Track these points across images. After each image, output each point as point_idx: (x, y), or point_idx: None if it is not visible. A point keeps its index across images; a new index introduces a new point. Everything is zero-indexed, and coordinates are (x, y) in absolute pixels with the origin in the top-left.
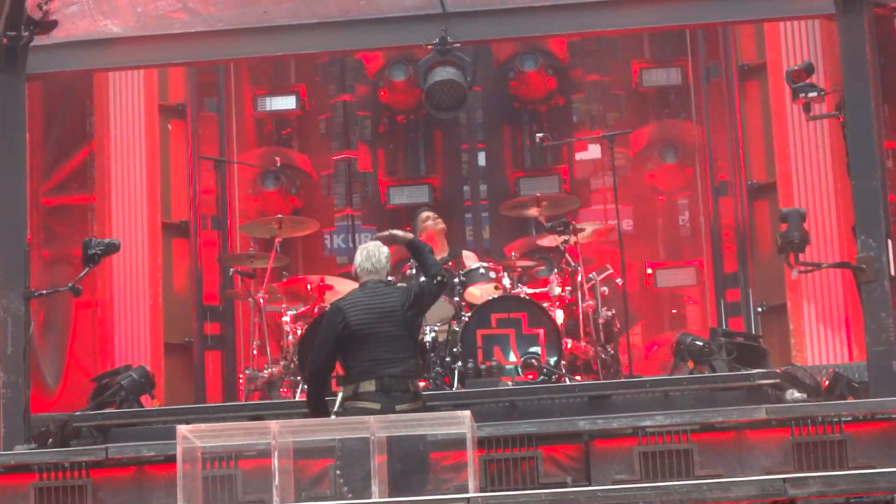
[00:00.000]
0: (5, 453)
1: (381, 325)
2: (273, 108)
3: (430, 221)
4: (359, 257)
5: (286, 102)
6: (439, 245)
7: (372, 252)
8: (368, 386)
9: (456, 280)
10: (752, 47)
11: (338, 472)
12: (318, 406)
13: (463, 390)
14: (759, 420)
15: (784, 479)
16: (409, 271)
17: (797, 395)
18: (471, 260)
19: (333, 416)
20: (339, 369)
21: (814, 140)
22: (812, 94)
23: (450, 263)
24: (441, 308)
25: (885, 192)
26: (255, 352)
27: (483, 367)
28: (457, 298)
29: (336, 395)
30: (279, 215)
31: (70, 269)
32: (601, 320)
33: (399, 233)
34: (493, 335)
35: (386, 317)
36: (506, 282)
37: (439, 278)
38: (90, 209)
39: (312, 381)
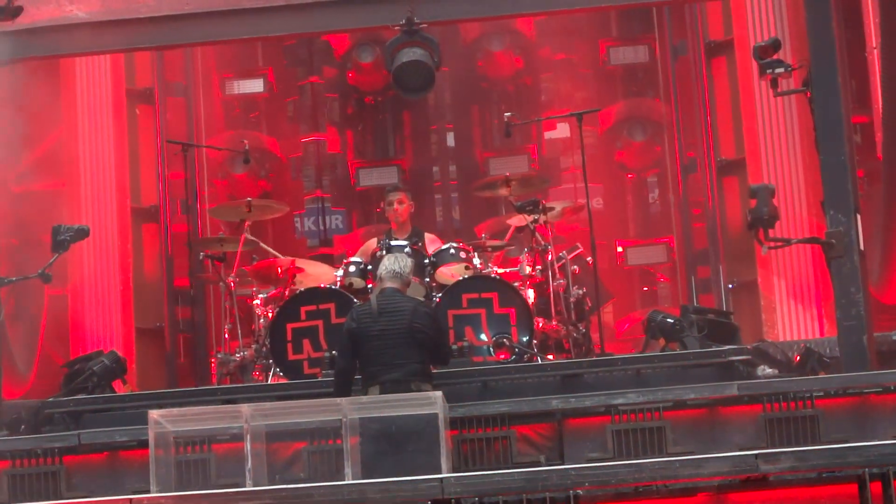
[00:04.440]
0: None
1: (388, 330)
2: (241, 92)
3: (397, 204)
4: (386, 261)
5: (254, 85)
6: (404, 228)
7: (399, 258)
8: (374, 391)
9: (426, 262)
10: (719, 24)
11: None
12: None
13: (435, 370)
14: (731, 396)
15: (756, 455)
16: (378, 253)
17: (769, 370)
18: (433, 242)
19: None
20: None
21: (782, 116)
22: (779, 70)
23: (418, 245)
24: (412, 289)
25: (854, 166)
26: (226, 335)
27: (454, 347)
28: (427, 279)
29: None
30: (248, 198)
31: (40, 255)
32: (572, 299)
33: None
34: (464, 315)
35: (393, 323)
36: (476, 262)
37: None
38: (59, 195)
39: (335, 388)
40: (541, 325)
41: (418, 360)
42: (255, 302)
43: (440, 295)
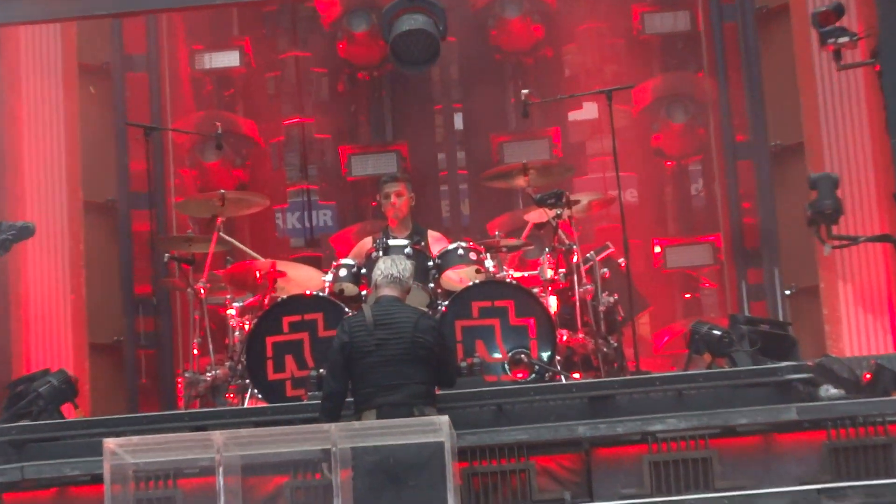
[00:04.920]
0: None
1: (385, 346)
2: (213, 66)
3: (395, 197)
4: (382, 265)
5: (228, 59)
6: (404, 224)
7: (397, 261)
8: (369, 416)
9: (430, 264)
10: None
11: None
12: None
13: (440, 392)
14: (789, 422)
15: (819, 491)
16: (374, 254)
17: (833, 391)
18: (438, 241)
19: None
20: None
21: (846, 93)
22: (843, 40)
23: (420, 244)
24: (414, 295)
25: None
26: (195, 351)
27: (464, 364)
28: (432, 285)
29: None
30: (222, 191)
31: None
32: (602, 308)
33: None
34: (475, 327)
35: (392, 337)
36: (489, 264)
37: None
38: None
39: (322, 413)
40: (565, 338)
41: (421, 381)
42: (229, 312)
43: (446, 303)
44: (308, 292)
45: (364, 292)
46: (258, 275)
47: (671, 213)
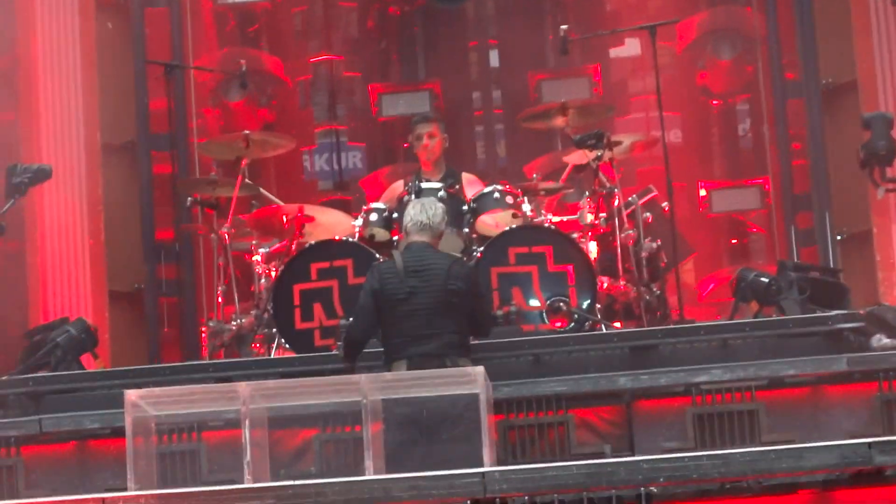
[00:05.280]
0: None
1: (416, 294)
2: (237, 0)
3: (427, 138)
4: (412, 210)
5: None
6: (437, 167)
7: (428, 205)
8: (399, 367)
9: (464, 208)
10: None
11: None
12: None
13: (475, 342)
14: (839, 373)
15: (870, 444)
16: (405, 198)
17: (886, 341)
18: (472, 184)
19: None
20: None
21: None
22: None
23: (455, 187)
24: (448, 241)
25: None
26: (219, 299)
27: (499, 313)
28: (466, 230)
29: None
30: (246, 131)
31: None
32: (644, 254)
33: None
34: (512, 274)
35: (423, 285)
36: (526, 208)
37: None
38: (15, 128)
39: (345, 357)
40: (605, 285)
41: (454, 330)
42: (254, 258)
43: (482, 249)
44: (337, 238)
45: (396, 238)
46: (285, 219)
47: (717, 154)
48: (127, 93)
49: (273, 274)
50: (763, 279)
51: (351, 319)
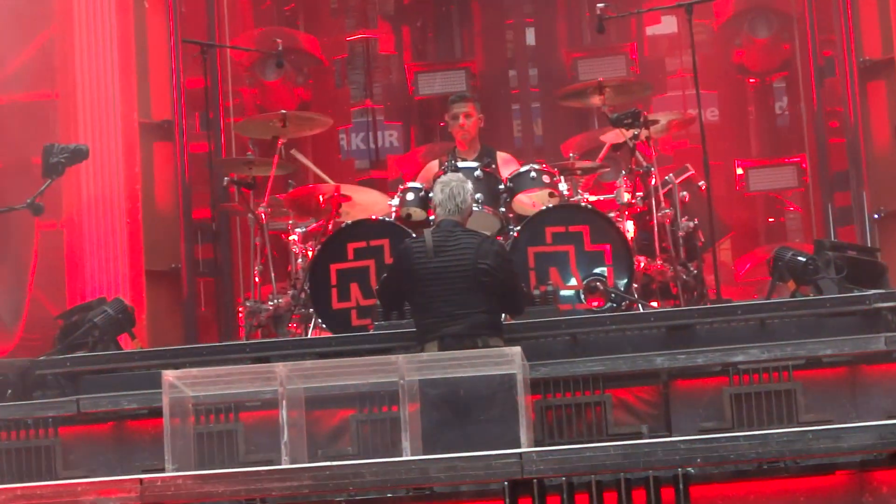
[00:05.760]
0: None
1: (446, 273)
2: None
3: (463, 118)
4: (440, 194)
5: None
6: (473, 146)
7: (456, 190)
8: (431, 348)
9: (500, 187)
10: None
11: None
12: None
13: (512, 321)
14: (877, 352)
15: None
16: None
17: None
18: (508, 163)
19: None
20: None
21: None
22: None
23: (491, 167)
24: (483, 220)
25: None
26: (256, 279)
27: (536, 292)
28: (503, 209)
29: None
30: (283, 111)
31: (28, 181)
32: (681, 233)
33: None
34: (549, 253)
35: (453, 264)
36: (562, 187)
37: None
38: (51, 107)
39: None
40: (642, 264)
41: (485, 309)
42: (291, 238)
43: (518, 228)
44: (374, 217)
45: (433, 217)
46: (321, 199)
47: (754, 133)
48: (164, 72)
49: (310, 253)
50: (800, 258)
51: (379, 285)
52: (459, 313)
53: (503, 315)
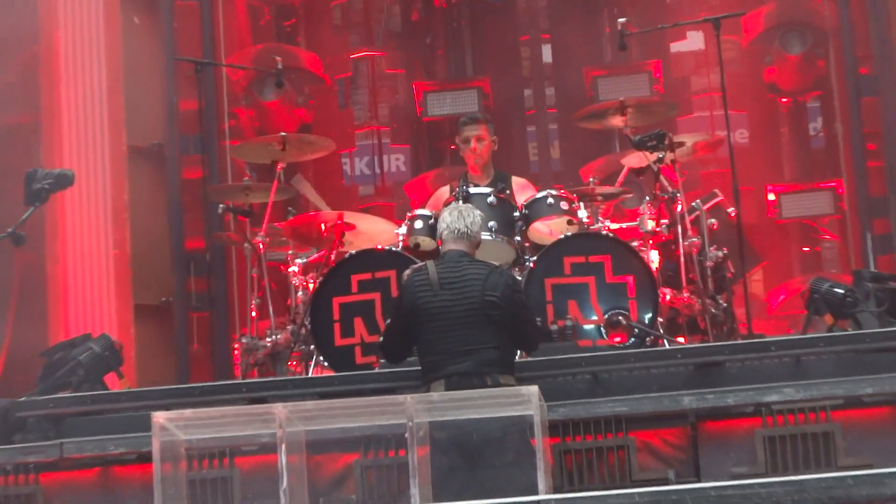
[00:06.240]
0: None
1: (453, 307)
2: None
3: (475, 141)
4: (448, 217)
5: None
6: (486, 171)
7: (465, 212)
8: (437, 388)
9: (516, 215)
10: None
11: None
12: None
13: (528, 359)
14: None
15: None
16: (452, 204)
17: None
18: (523, 189)
19: None
20: None
21: None
22: None
23: (505, 193)
24: (497, 250)
25: None
26: (253, 314)
27: (554, 327)
28: (518, 238)
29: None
30: (282, 133)
31: (9, 208)
32: (709, 263)
33: None
34: (567, 285)
35: (460, 297)
36: (582, 215)
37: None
38: (35, 130)
39: (387, 360)
40: (668, 297)
41: (494, 346)
42: (291, 269)
43: (534, 258)
44: (379, 247)
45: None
46: (323, 227)
47: (787, 156)
48: (155, 92)
49: (311, 286)
50: (838, 290)
51: (385, 327)
52: (467, 350)
53: (518, 352)
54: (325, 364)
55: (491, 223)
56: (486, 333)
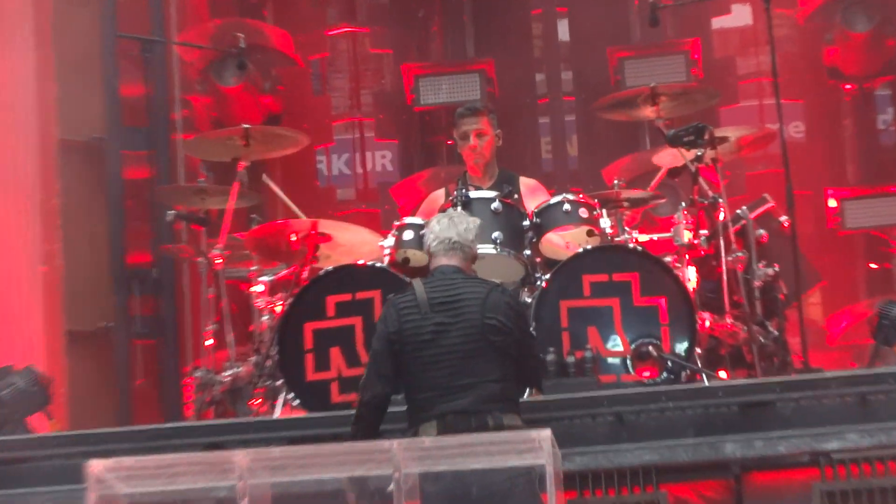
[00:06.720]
0: None
1: (447, 335)
2: None
3: (475, 137)
4: (436, 226)
5: None
6: (488, 171)
7: (457, 218)
8: (428, 430)
9: (525, 224)
10: None
11: None
12: None
13: (540, 398)
14: None
15: None
16: (451, 210)
17: None
18: (534, 193)
19: None
20: None
21: None
22: None
23: (513, 197)
24: (502, 266)
25: None
26: (209, 342)
27: (571, 359)
28: (528, 252)
29: None
30: (245, 125)
31: None
32: (757, 283)
33: None
34: (587, 309)
35: (454, 321)
36: (605, 224)
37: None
38: None
39: (356, 426)
40: (708, 323)
41: (496, 378)
42: (254, 289)
43: (547, 277)
44: (361, 262)
45: None
46: (294, 239)
47: (850, 153)
48: (93, 77)
49: (278, 309)
50: None
51: (363, 377)
52: (464, 384)
53: (527, 389)
54: (296, 403)
55: (495, 234)
56: (486, 364)
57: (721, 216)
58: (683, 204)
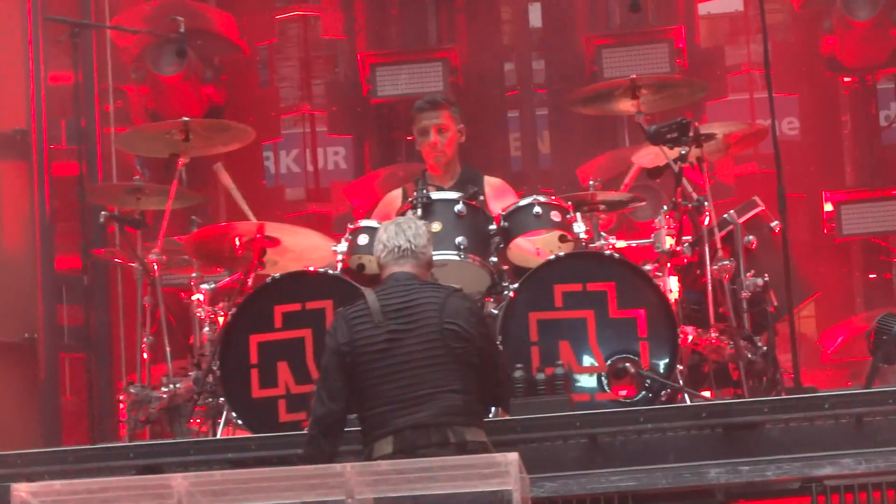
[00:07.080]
0: None
1: (402, 343)
2: None
3: (435, 132)
4: (384, 234)
5: None
6: (450, 170)
7: (404, 224)
8: (384, 447)
9: (491, 228)
10: None
11: None
12: None
13: (506, 418)
14: None
15: None
16: (409, 212)
17: None
18: (501, 194)
19: None
20: None
21: None
22: None
23: (477, 199)
24: (466, 273)
25: None
26: (144, 356)
27: (541, 376)
28: (493, 259)
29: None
30: (184, 118)
31: None
32: (745, 294)
33: None
34: (559, 321)
35: (410, 328)
36: (579, 229)
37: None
38: None
39: (309, 447)
40: (691, 338)
41: (456, 388)
42: (195, 297)
43: (516, 286)
44: (312, 269)
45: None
46: (238, 243)
47: (849, 153)
48: (15, 63)
49: (221, 320)
50: None
51: (314, 394)
52: (421, 395)
53: (493, 408)
54: (239, 422)
55: (459, 239)
56: (446, 374)
57: (706, 221)
58: (665, 207)
